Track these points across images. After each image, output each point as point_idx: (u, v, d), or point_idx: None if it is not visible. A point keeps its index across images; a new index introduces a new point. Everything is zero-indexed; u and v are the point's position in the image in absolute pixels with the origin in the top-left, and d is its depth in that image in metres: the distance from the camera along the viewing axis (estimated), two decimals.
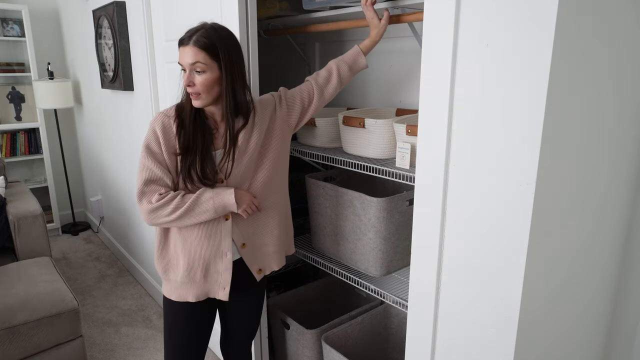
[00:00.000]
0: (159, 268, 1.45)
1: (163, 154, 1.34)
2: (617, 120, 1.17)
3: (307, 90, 1.53)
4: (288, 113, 1.50)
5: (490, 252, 1.06)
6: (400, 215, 1.60)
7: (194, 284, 1.43)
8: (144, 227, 2.87)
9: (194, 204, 1.32)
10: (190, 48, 1.26)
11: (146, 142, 1.34)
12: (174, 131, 1.34)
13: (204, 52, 1.26)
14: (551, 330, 1.18)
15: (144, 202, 1.32)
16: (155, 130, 1.34)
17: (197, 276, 1.42)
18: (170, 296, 1.46)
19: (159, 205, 1.31)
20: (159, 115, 1.37)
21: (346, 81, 1.57)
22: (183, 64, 1.29)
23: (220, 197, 1.34)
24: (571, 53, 0.94)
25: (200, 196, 1.33)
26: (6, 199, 2.62)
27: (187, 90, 1.31)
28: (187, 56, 1.27)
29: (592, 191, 1.16)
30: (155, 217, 1.33)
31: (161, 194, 1.32)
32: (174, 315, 1.48)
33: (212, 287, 1.46)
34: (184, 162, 1.34)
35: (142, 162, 1.34)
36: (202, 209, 1.33)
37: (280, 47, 2.48)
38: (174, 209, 1.31)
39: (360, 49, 1.55)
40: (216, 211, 1.34)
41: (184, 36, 1.29)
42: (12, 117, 3.73)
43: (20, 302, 1.88)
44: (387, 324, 2.00)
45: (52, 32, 3.82)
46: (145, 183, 1.33)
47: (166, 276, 1.45)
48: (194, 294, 1.44)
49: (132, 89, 2.66)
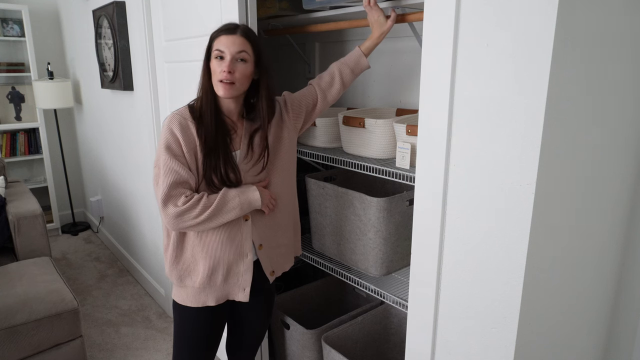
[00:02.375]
0: (173, 276, 1.41)
1: (185, 156, 1.31)
2: (618, 119, 1.17)
3: (310, 94, 1.54)
4: (294, 117, 1.51)
5: (490, 252, 1.06)
6: (400, 215, 1.60)
7: (214, 288, 1.41)
8: (144, 227, 2.88)
9: (221, 203, 1.30)
10: (239, 37, 1.30)
11: (166, 144, 1.30)
12: (193, 132, 1.32)
13: (249, 44, 1.32)
14: (551, 330, 1.18)
15: (170, 207, 1.27)
16: (174, 131, 1.31)
17: (217, 279, 1.40)
18: (186, 303, 1.43)
19: (186, 209, 1.27)
20: (174, 116, 1.34)
21: (349, 83, 1.58)
22: (226, 51, 1.29)
23: (245, 194, 1.34)
24: (572, 52, 0.94)
25: (226, 195, 1.32)
26: (6, 199, 2.62)
27: (221, 77, 1.29)
28: (234, 44, 1.29)
29: (592, 191, 1.16)
30: (181, 221, 1.28)
31: (187, 197, 1.28)
32: (191, 321, 1.45)
33: (232, 289, 1.44)
34: (208, 163, 1.32)
35: (167, 165, 1.28)
36: (229, 207, 1.31)
37: (280, 47, 2.48)
38: (202, 209, 1.28)
39: (362, 51, 1.55)
40: (242, 208, 1.33)
41: (228, 26, 1.32)
42: (12, 117, 3.73)
43: (20, 302, 1.88)
44: (387, 324, 2.00)
45: (52, 32, 3.82)
46: (171, 186, 1.27)
47: (182, 283, 1.41)
48: (215, 298, 1.42)
49: (132, 89, 2.66)
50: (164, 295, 2.71)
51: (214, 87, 1.33)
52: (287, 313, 1.98)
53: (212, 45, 1.33)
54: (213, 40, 1.32)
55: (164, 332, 2.53)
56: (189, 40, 1.93)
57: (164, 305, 2.75)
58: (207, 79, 1.34)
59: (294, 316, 2.09)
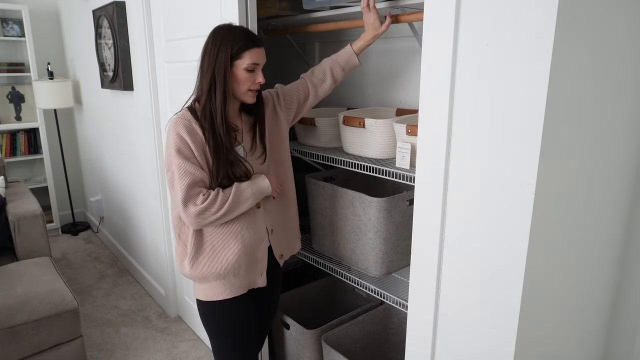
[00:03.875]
0: (195, 275, 1.43)
1: (195, 156, 1.35)
2: (618, 119, 1.17)
3: (302, 88, 1.60)
4: (286, 109, 1.58)
5: (490, 252, 1.06)
6: (400, 215, 1.60)
7: (238, 277, 1.46)
8: (144, 227, 2.88)
9: (237, 195, 1.36)
10: (263, 50, 1.38)
11: (176, 148, 1.33)
12: (199, 133, 1.35)
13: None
14: (551, 330, 1.18)
15: (190, 207, 1.32)
16: (181, 135, 1.34)
17: (241, 268, 1.45)
18: (213, 297, 1.45)
19: (206, 206, 1.33)
20: (177, 120, 1.36)
21: (340, 80, 1.64)
22: (260, 63, 1.37)
23: (255, 184, 1.41)
24: (571, 53, 0.94)
25: (239, 187, 1.38)
26: (6, 199, 2.62)
27: (256, 87, 1.38)
28: (263, 56, 1.38)
29: (592, 191, 1.16)
30: (203, 218, 1.34)
31: (204, 195, 1.34)
32: (224, 315, 1.47)
33: (253, 276, 1.50)
34: (218, 162, 1.36)
35: (181, 168, 1.32)
36: (244, 198, 1.38)
37: (280, 46, 2.48)
38: (220, 205, 1.34)
39: (354, 50, 1.58)
40: (255, 197, 1.40)
41: (252, 38, 1.36)
42: (12, 117, 3.73)
43: (20, 302, 1.88)
44: (387, 324, 2.00)
45: (52, 32, 3.82)
46: (189, 187, 1.32)
47: (205, 280, 1.44)
48: (240, 286, 1.47)
49: (132, 89, 2.66)
50: (164, 295, 2.71)
51: (236, 94, 1.38)
52: (287, 313, 1.98)
53: (239, 55, 1.33)
54: (242, 51, 1.33)
55: (164, 332, 2.53)
56: (189, 40, 1.93)
57: (164, 305, 2.75)
58: (229, 84, 1.34)
59: (294, 316, 2.09)
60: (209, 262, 1.42)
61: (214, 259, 1.42)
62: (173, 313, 2.67)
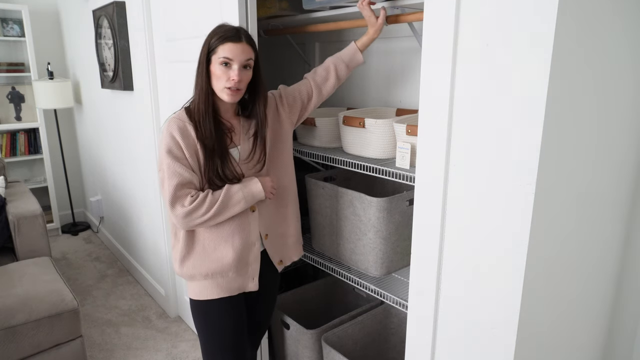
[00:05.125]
0: (184, 273, 1.45)
1: (187, 158, 1.34)
2: (618, 119, 1.17)
3: (305, 88, 1.58)
4: (289, 111, 1.55)
5: (490, 252, 1.06)
6: (400, 215, 1.60)
7: (227, 279, 1.45)
8: (144, 227, 2.88)
9: (226, 198, 1.35)
10: (245, 45, 1.32)
11: (167, 148, 1.34)
12: (193, 134, 1.35)
13: (253, 50, 1.35)
14: (551, 330, 1.18)
15: (178, 207, 1.33)
16: (173, 135, 1.34)
17: (230, 271, 1.44)
18: (201, 297, 1.46)
19: (194, 207, 1.32)
20: (172, 120, 1.37)
21: (344, 78, 1.62)
22: (234, 59, 1.31)
23: (247, 187, 1.39)
24: (571, 53, 0.94)
25: (229, 189, 1.37)
26: (6, 199, 2.62)
27: (230, 84, 1.31)
28: (242, 52, 1.31)
29: (592, 191, 1.16)
30: (190, 219, 1.34)
31: (192, 196, 1.33)
32: (210, 314, 1.48)
33: (243, 279, 1.48)
34: (209, 165, 1.35)
35: (170, 168, 1.33)
36: (234, 201, 1.36)
37: (280, 46, 2.48)
38: (208, 207, 1.33)
39: (357, 47, 1.58)
40: (246, 201, 1.38)
41: (230, 33, 1.31)
42: (12, 117, 3.73)
43: (20, 302, 1.88)
44: (387, 324, 2.00)
45: (52, 32, 3.82)
46: (176, 188, 1.32)
47: (194, 278, 1.45)
48: (229, 289, 1.46)
49: (132, 89, 2.66)
50: (164, 295, 2.71)
51: (215, 91, 1.35)
52: (287, 313, 1.98)
53: (214, 50, 1.32)
54: (217, 46, 1.32)
55: (164, 332, 2.53)
56: (189, 40, 1.93)
57: (164, 305, 2.75)
58: (207, 82, 1.34)
59: (294, 316, 2.09)
60: (197, 262, 1.43)
61: (203, 260, 1.43)
62: (173, 313, 2.67)
